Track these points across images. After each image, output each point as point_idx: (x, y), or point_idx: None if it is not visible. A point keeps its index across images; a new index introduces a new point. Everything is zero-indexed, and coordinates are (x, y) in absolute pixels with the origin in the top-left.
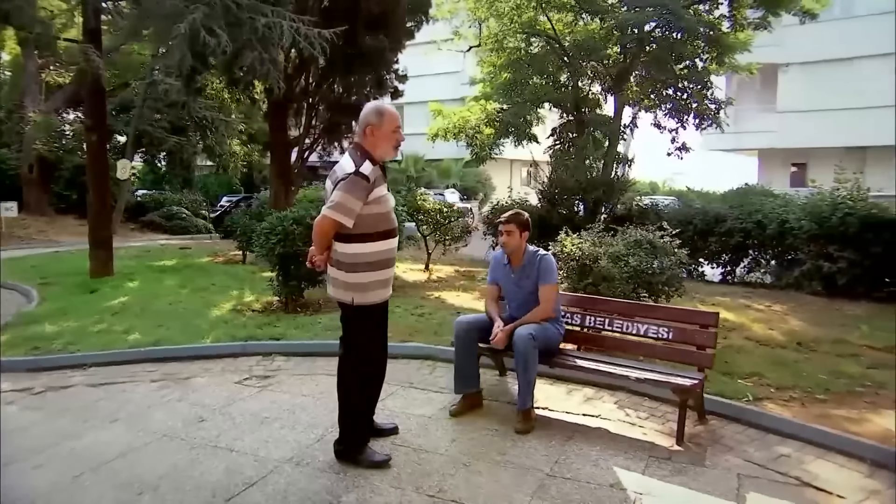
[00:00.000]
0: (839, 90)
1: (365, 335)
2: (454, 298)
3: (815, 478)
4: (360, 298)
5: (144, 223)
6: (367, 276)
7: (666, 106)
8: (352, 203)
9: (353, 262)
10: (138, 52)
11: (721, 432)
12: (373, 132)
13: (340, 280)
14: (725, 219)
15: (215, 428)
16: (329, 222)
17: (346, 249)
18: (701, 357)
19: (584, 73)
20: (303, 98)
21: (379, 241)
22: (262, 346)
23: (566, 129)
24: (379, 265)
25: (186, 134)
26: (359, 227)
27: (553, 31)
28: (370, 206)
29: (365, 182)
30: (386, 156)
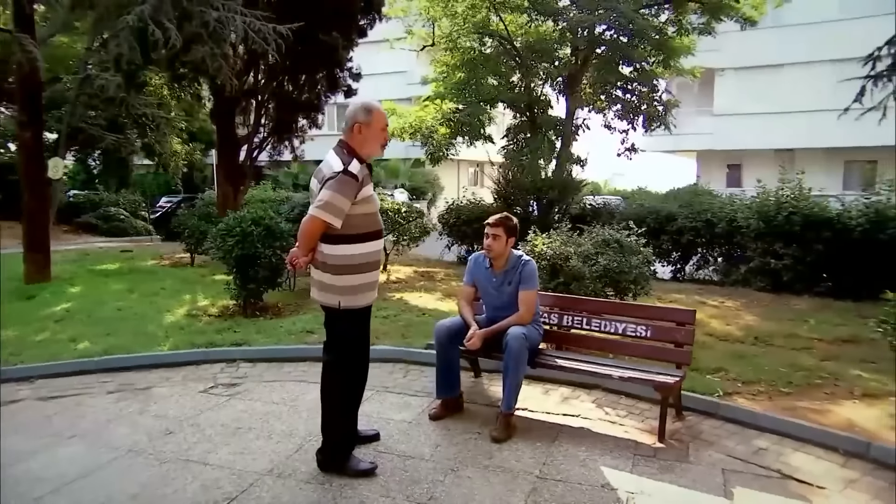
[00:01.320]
0: (770, 95)
1: (351, 340)
2: (417, 300)
3: (796, 470)
4: (348, 302)
5: (79, 225)
6: (355, 279)
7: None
8: (341, 202)
9: (341, 265)
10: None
11: (699, 428)
12: (360, 130)
13: (327, 283)
14: (676, 218)
15: (184, 441)
16: (317, 223)
17: (333, 251)
18: (679, 354)
19: (536, 73)
20: (251, 95)
21: (366, 242)
22: (225, 352)
23: (519, 129)
24: (366, 267)
25: (124, 132)
26: (346, 227)
27: (506, 31)
28: (358, 206)
29: (354, 181)
30: (373, 154)
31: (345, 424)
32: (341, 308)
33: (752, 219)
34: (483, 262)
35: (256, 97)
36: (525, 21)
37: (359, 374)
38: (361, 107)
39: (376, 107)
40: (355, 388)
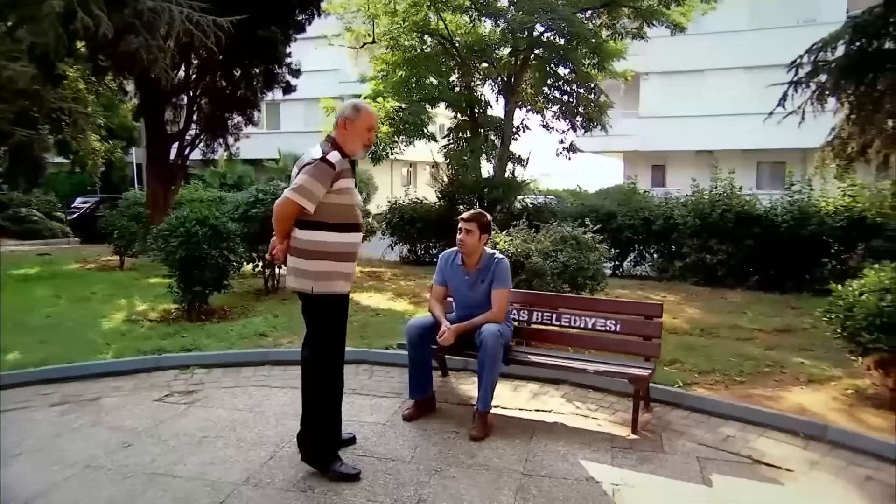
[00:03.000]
0: (692, 98)
1: (327, 329)
2: (368, 300)
3: (763, 454)
4: (321, 287)
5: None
6: (328, 265)
7: (554, 108)
8: (314, 187)
9: (313, 250)
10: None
11: (668, 418)
12: (345, 125)
13: (300, 268)
14: (616, 216)
15: (146, 453)
16: (290, 204)
17: (305, 236)
18: (649, 347)
19: (476, 73)
20: (182, 91)
21: (341, 232)
22: (178, 358)
23: (460, 128)
24: (340, 256)
25: (36, 127)
26: (319, 214)
27: (447, 31)
28: (333, 196)
29: (330, 169)
30: (355, 152)
31: (326, 418)
32: (314, 293)
33: (688, 216)
34: (455, 261)
35: (188, 92)
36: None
37: (336, 369)
38: (351, 104)
39: (365, 107)
40: (334, 381)
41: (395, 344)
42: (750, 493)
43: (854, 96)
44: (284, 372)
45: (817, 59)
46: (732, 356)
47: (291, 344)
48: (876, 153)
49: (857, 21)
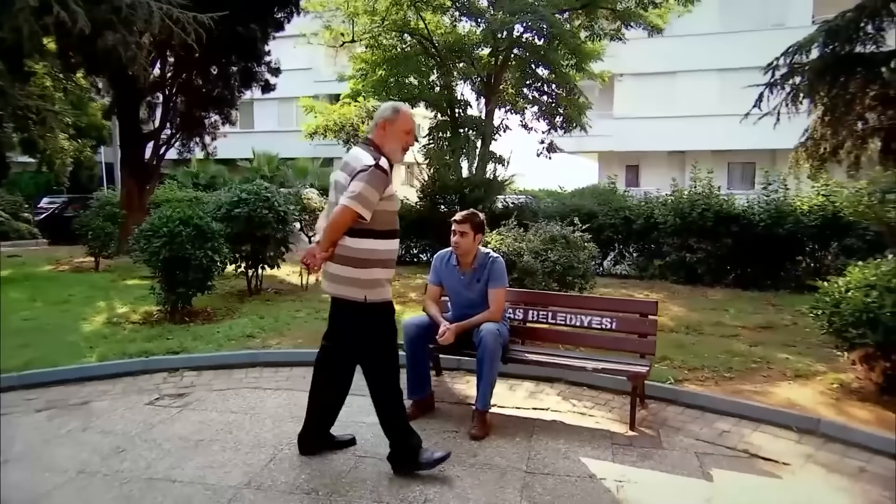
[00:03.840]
0: (664, 100)
1: (383, 334)
2: None
3: (760, 448)
4: (374, 295)
5: None
6: (379, 273)
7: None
8: (372, 195)
9: (366, 258)
10: None
11: (663, 415)
12: (384, 127)
13: (349, 277)
14: (597, 215)
15: (141, 458)
16: (350, 214)
17: (358, 244)
18: (644, 344)
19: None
20: (157, 88)
21: (389, 239)
22: (165, 361)
23: (440, 128)
24: (387, 263)
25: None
26: (371, 222)
27: (426, 30)
28: (383, 203)
29: (385, 176)
30: (393, 155)
31: (401, 421)
32: (367, 302)
33: (669, 216)
34: (450, 261)
35: (163, 90)
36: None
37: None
38: (391, 105)
39: (405, 109)
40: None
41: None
42: (750, 487)
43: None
44: (276, 373)
45: (793, 62)
46: (720, 353)
47: (280, 345)
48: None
49: (831, 25)
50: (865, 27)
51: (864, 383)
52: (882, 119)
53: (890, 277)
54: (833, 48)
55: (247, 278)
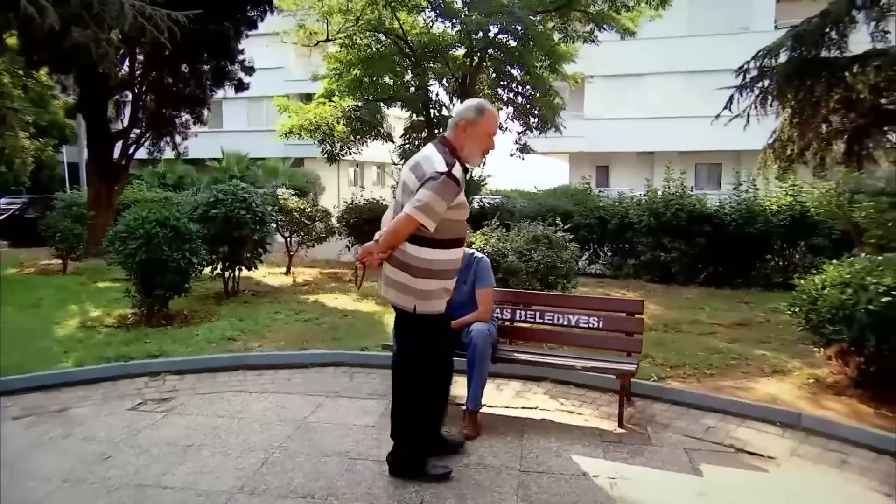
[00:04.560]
0: (634, 101)
1: (425, 345)
2: (333, 301)
3: (746, 443)
4: (424, 307)
5: None
6: (432, 284)
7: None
8: (440, 206)
9: (422, 268)
10: None
11: (650, 412)
12: (465, 128)
13: (405, 284)
14: (573, 215)
15: (128, 464)
16: (413, 223)
17: (419, 253)
18: (631, 343)
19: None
20: (126, 86)
21: (449, 248)
22: (146, 365)
23: (416, 128)
24: (446, 274)
25: None
26: (435, 231)
27: (401, 31)
28: (451, 212)
29: (456, 185)
30: (472, 158)
31: (418, 430)
32: (416, 312)
33: (643, 215)
34: None
35: (132, 89)
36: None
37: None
38: (474, 105)
39: (489, 108)
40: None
41: (381, 345)
42: (739, 481)
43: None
44: (260, 376)
45: (762, 65)
46: (699, 350)
47: (262, 348)
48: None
49: (798, 30)
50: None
51: (839, 378)
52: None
53: (863, 275)
54: (800, 52)
55: (223, 280)
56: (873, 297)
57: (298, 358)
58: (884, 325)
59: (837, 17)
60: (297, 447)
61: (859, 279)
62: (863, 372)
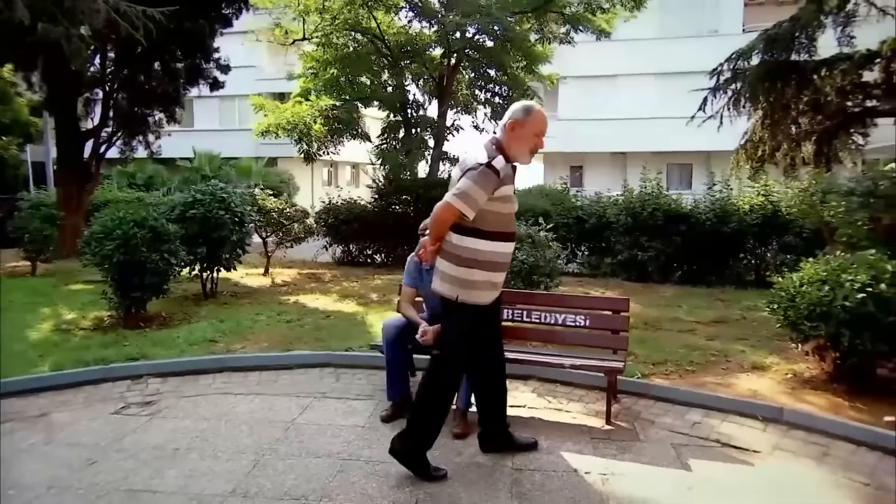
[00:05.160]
0: (606, 103)
1: (462, 336)
2: (314, 302)
3: (731, 438)
4: (465, 296)
5: None
6: (477, 275)
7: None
8: (477, 194)
9: (465, 257)
10: None
11: (636, 408)
12: (513, 128)
13: (448, 273)
14: (550, 214)
15: (116, 469)
16: (451, 210)
17: (460, 242)
18: (617, 340)
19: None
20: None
21: (496, 241)
22: (127, 368)
23: (393, 128)
24: (492, 266)
25: None
26: (478, 221)
27: (378, 30)
28: (494, 204)
29: (494, 175)
30: (520, 157)
31: (433, 420)
32: (458, 301)
33: (621, 215)
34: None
35: (103, 86)
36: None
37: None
38: (522, 106)
39: (537, 109)
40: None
41: (368, 345)
42: (726, 475)
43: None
44: (245, 378)
45: (735, 68)
46: (679, 347)
47: (245, 349)
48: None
49: (769, 34)
50: (800, 37)
51: (816, 373)
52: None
53: (839, 273)
54: (772, 55)
55: (202, 281)
56: (849, 294)
57: (283, 359)
58: (858, 321)
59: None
60: (288, 449)
61: (835, 277)
62: (838, 367)
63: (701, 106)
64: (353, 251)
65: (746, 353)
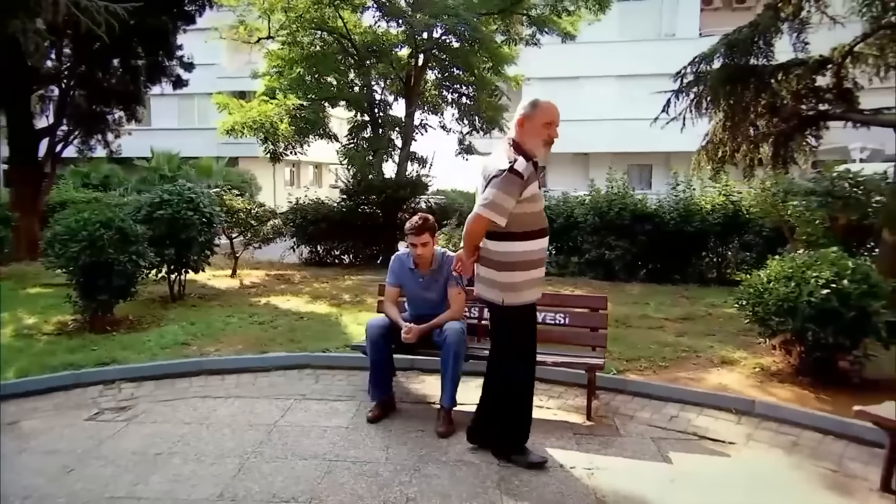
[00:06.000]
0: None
1: (518, 336)
2: (286, 303)
3: (707, 430)
4: (511, 299)
5: None
6: (519, 276)
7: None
8: (504, 201)
9: (505, 262)
10: None
11: (614, 404)
12: (522, 123)
13: (490, 279)
14: None
15: (96, 476)
16: (482, 221)
17: (497, 248)
18: (596, 337)
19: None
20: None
21: (531, 240)
22: (99, 373)
23: (360, 128)
24: (530, 265)
25: None
26: (511, 225)
27: (345, 29)
28: (523, 205)
29: (519, 179)
30: (536, 151)
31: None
32: (504, 305)
33: (588, 214)
34: (407, 263)
35: (59, 83)
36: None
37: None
38: (530, 100)
39: (544, 101)
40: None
41: (349, 346)
42: (705, 466)
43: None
44: (223, 381)
45: (698, 71)
46: (651, 344)
47: (219, 352)
48: (743, 157)
49: (730, 39)
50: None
51: (782, 366)
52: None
53: (804, 269)
54: (732, 59)
55: (169, 283)
56: (814, 290)
57: (260, 361)
58: (823, 316)
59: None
60: (272, 451)
61: (800, 273)
62: (804, 360)
63: (664, 108)
64: (320, 252)
65: (715, 349)
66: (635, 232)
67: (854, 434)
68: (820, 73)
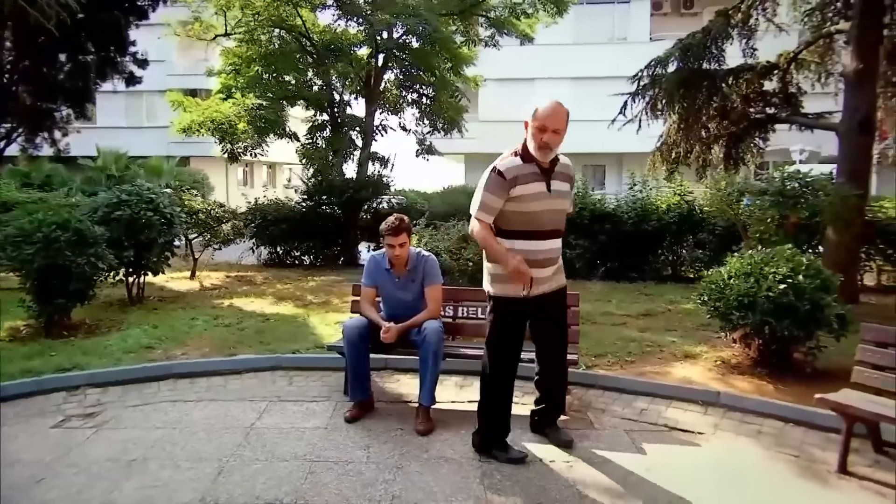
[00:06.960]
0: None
1: (496, 328)
2: (250, 305)
3: (676, 422)
4: (495, 289)
5: None
6: (500, 268)
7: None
8: (489, 199)
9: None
10: None
11: (587, 398)
12: (525, 126)
13: (484, 270)
14: None
15: (69, 484)
16: (477, 224)
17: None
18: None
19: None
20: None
21: (522, 239)
22: (61, 379)
23: (320, 127)
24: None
25: None
26: (500, 222)
27: (304, 27)
28: (511, 204)
29: (500, 178)
30: (535, 153)
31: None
32: (491, 295)
33: None
34: (383, 263)
35: (0, 78)
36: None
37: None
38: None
39: (544, 106)
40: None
41: (325, 346)
42: (677, 456)
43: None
44: (193, 385)
45: (654, 74)
46: (616, 339)
47: (187, 356)
48: (696, 158)
49: (684, 43)
50: (710, 47)
51: (742, 359)
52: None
53: (762, 266)
54: (687, 63)
55: (127, 286)
56: (772, 286)
57: (231, 364)
58: (780, 310)
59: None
60: (252, 454)
61: (759, 270)
62: (762, 353)
63: (621, 110)
64: (280, 253)
65: (677, 343)
66: (595, 231)
67: (812, 421)
68: (767, 78)
